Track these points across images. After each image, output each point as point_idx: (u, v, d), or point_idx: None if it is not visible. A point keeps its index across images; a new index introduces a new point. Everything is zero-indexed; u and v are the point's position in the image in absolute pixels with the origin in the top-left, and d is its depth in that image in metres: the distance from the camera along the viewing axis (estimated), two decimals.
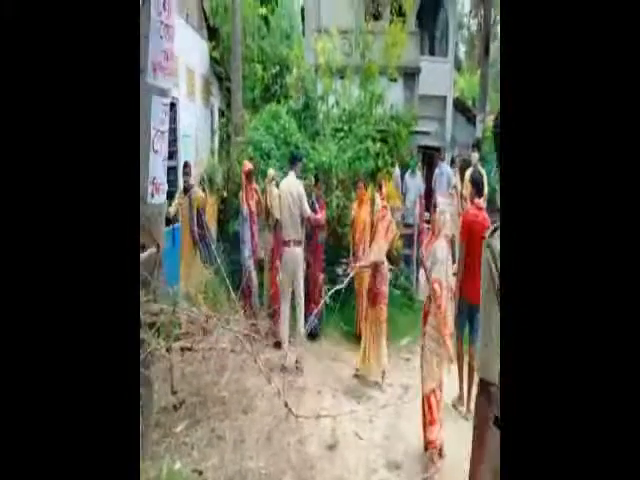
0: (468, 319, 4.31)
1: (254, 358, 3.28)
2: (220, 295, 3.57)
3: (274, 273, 5.68)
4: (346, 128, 7.14)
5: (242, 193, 5.84)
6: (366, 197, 6.02)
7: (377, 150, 7.24)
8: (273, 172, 5.93)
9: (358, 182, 6.14)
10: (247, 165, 5.96)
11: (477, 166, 7.78)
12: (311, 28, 11.04)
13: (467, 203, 5.96)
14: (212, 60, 8.08)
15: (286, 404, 3.45)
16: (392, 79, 8.61)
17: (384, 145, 7.48)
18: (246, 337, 3.41)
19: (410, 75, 11.40)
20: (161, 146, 2.31)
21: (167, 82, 2.32)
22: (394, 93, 9.11)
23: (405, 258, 7.50)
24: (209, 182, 7.12)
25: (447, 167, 9.06)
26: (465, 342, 4.37)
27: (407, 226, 7.71)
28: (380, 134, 7.58)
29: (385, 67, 8.18)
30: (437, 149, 12.54)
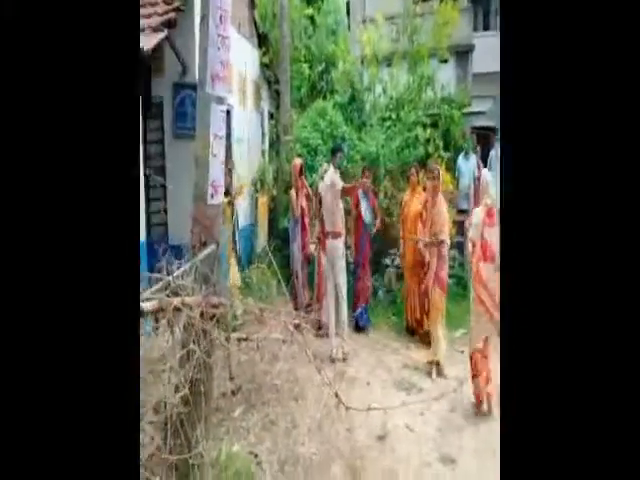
0: None
1: (303, 349, 3.54)
2: (272, 288, 3.88)
3: (320, 266, 5.91)
4: (393, 116, 7.19)
5: (292, 189, 6.11)
6: (419, 184, 6.01)
7: (427, 136, 7.23)
8: (325, 166, 6.16)
9: (410, 169, 6.11)
10: (297, 161, 6.23)
11: None
12: (357, 20, 11.13)
13: None
14: (262, 65, 8.43)
15: (336, 394, 3.68)
16: (443, 60, 8.50)
17: (434, 130, 7.43)
18: (296, 328, 3.66)
19: (462, 54, 11.19)
20: (219, 151, 2.57)
21: (224, 90, 2.57)
22: (445, 74, 8.96)
23: (458, 245, 7.29)
24: (260, 182, 7.48)
25: None
26: None
27: (461, 212, 7.52)
28: (430, 119, 7.52)
29: (435, 48, 8.07)
30: (493, 129, 12.25)
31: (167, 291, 2.30)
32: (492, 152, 8.91)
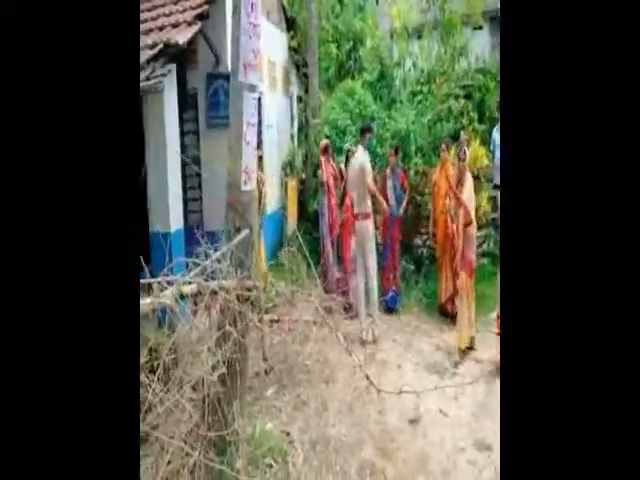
0: None
1: (333, 331, 3.68)
2: (302, 270, 4.01)
3: (347, 247, 6.01)
4: (425, 90, 7.10)
5: (320, 170, 6.20)
6: (449, 160, 5.87)
7: (460, 108, 7.11)
8: (348, 146, 6.20)
9: (441, 144, 5.98)
10: (323, 142, 6.33)
11: None
12: None
13: None
14: (290, 50, 8.49)
15: (367, 377, 3.80)
16: (477, 27, 8.35)
17: (468, 101, 7.30)
18: (326, 310, 3.80)
19: (498, 20, 10.94)
20: (252, 138, 2.68)
21: (255, 78, 2.66)
22: (479, 42, 8.70)
23: (494, 222, 7.13)
24: (289, 166, 7.60)
25: None
26: None
27: (497, 187, 7.36)
28: (464, 90, 7.38)
29: (468, 15, 7.89)
30: None
31: (204, 275, 2.47)
32: None
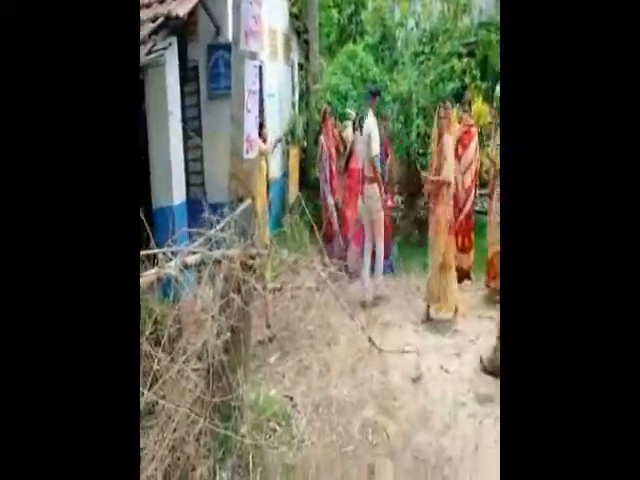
0: None
1: (336, 297, 3.81)
2: (305, 238, 4.11)
3: (350, 211, 6.11)
4: (427, 50, 7.04)
5: (321, 136, 6.25)
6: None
7: (463, 67, 7.06)
8: (349, 111, 6.22)
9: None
10: (324, 107, 6.39)
11: None
12: None
13: None
14: (291, 16, 8.43)
15: (369, 339, 3.96)
16: None
17: (471, 59, 7.25)
18: (330, 276, 3.92)
19: None
20: (253, 105, 2.73)
21: (257, 46, 2.68)
22: None
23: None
24: (291, 134, 7.65)
25: None
26: None
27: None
28: (467, 47, 7.32)
29: None
30: None
31: (208, 245, 2.56)
32: None
